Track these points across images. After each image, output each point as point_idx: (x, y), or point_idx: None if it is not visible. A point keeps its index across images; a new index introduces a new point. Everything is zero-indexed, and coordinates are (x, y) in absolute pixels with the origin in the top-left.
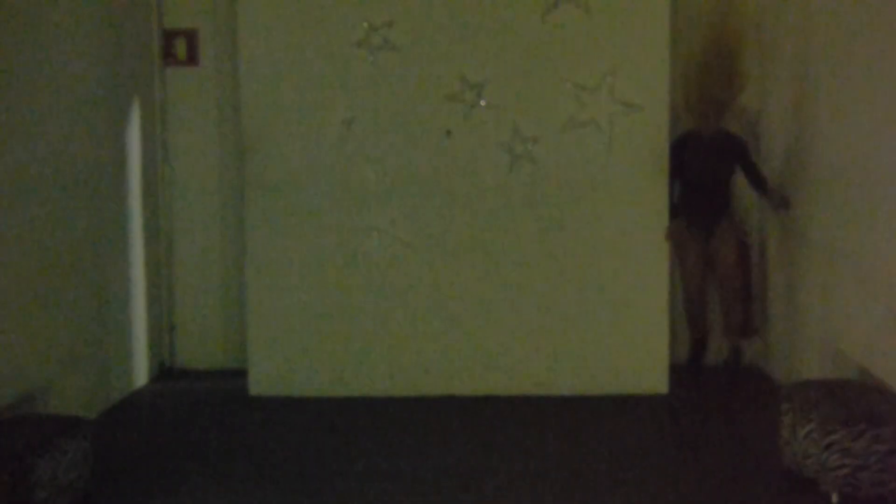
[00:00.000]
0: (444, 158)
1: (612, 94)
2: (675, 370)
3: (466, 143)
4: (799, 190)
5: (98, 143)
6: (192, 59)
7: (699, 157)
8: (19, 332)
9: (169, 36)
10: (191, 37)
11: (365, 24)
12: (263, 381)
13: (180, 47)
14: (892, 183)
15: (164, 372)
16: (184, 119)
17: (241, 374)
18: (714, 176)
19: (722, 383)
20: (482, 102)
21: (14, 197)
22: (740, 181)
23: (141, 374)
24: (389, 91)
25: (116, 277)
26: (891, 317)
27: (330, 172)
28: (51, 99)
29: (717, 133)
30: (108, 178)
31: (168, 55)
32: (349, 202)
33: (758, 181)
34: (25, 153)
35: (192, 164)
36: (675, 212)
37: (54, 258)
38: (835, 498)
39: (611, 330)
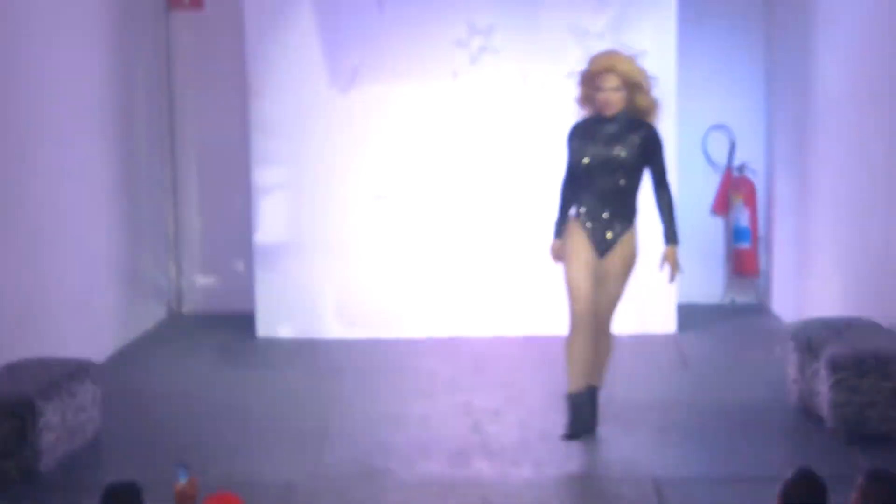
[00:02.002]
0: (450, 105)
1: (618, 39)
2: (682, 309)
3: (473, 88)
4: (809, 133)
5: (105, 87)
6: (196, 2)
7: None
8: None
9: None
10: None
11: None
12: (270, 323)
13: None
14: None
15: (172, 315)
16: (189, 62)
17: (248, 317)
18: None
19: (730, 322)
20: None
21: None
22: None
23: (149, 318)
24: (397, 37)
25: (121, 224)
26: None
27: (335, 117)
28: (55, 41)
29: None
30: (117, 123)
31: None
32: (354, 146)
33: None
34: (35, 97)
35: (198, 107)
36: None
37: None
38: (842, 434)
39: None
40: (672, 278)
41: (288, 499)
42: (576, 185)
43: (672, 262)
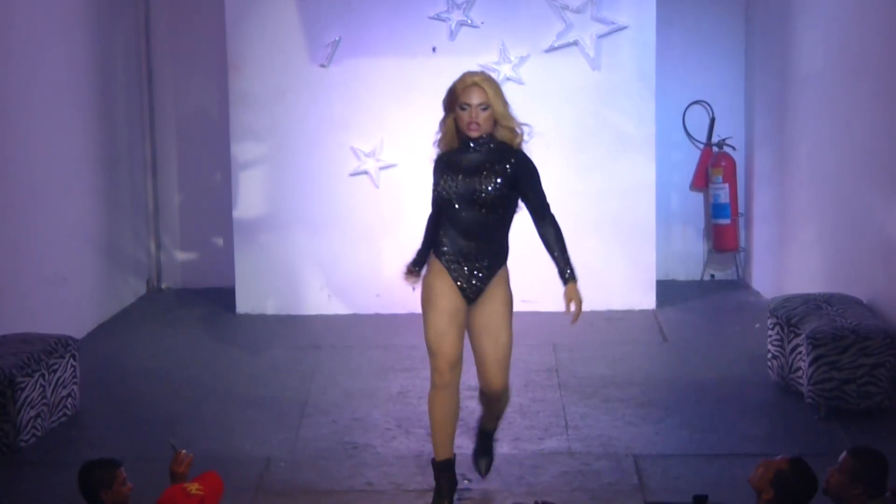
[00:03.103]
0: (430, 76)
1: (597, 14)
2: (661, 285)
3: (452, 62)
4: (789, 109)
5: (84, 61)
6: None
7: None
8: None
9: None
10: None
11: None
12: (250, 298)
13: None
14: None
15: (152, 291)
16: (168, 36)
17: (228, 292)
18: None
19: (709, 298)
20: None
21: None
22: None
23: (129, 293)
24: (376, 12)
25: (100, 199)
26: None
27: (315, 92)
28: (33, 15)
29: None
30: (96, 98)
31: None
32: (333, 121)
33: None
34: (12, 72)
35: (177, 82)
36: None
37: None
38: (822, 410)
39: (601, 248)
40: (576, 319)
41: (267, 473)
42: (440, 221)
43: (576, 301)
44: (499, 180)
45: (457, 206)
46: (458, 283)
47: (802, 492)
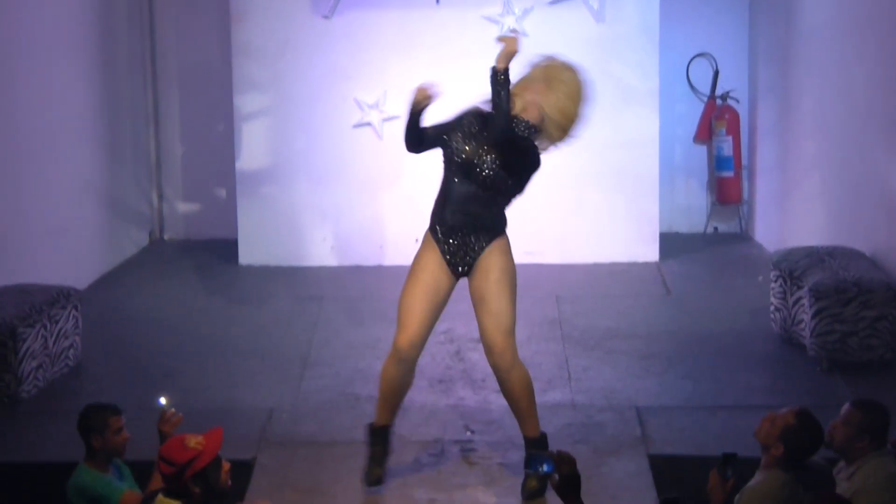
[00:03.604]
0: (434, 28)
1: None
2: (665, 237)
3: (455, 15)
4: (793, 62)
5: (86, 12)
6: None
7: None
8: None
9: None
10: None
11: None
12: (252, 250)
13: None
14: None
15: (154, 242)
16: None
17: (230, 243)
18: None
19: (712, 250)
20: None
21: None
22: None
23: (131, 245)
24: None
25: (103, 150)
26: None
27: (318, 43)
28: None
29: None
30: (98, 49)
31: None
32: (337, 73)
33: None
34: (14, 24)
35: (180, 33)
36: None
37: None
38: (824, 363)
39: (605, 201)
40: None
41: (270, 424)
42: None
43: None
44: (500, 161)
45: (455, 179)
46: (447, 258)
47: (811, 443)
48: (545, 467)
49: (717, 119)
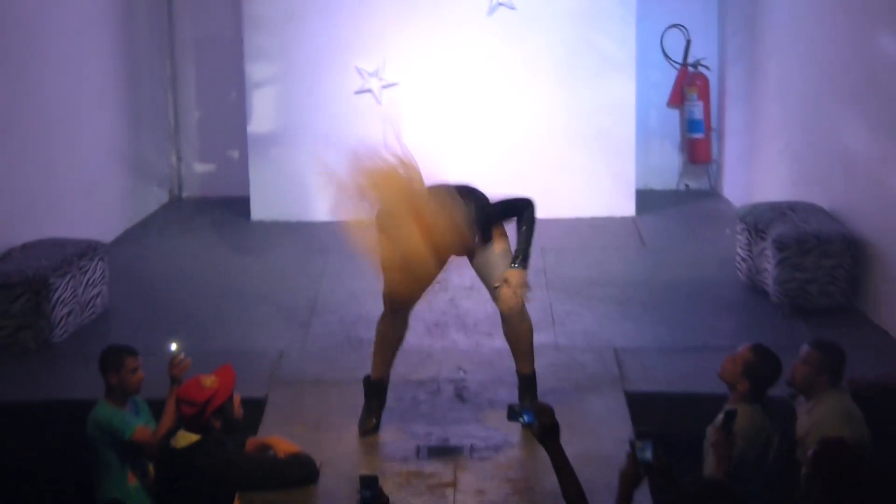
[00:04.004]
0: (428, 1)
1: None
2: (640, 194)
3: None
4: (759, 31)
5: None
6: None
7: None
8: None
9: None
10: None
11: None
12: (263, 207)
13: None
14: None
15: (173, 200)
16: None
17: (243, 201)
18: None
19: (684, 206)
20: None
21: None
22: None
23: (152, 202)
24: None
25: (125, 115)
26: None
27: (321, 14)
28: None
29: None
30: (120, 20)
31: None
32: (339, 42)
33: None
34: None
35: (195, 5)
36: None
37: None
38: (786, 308)
39: (586, 160)
40: (506, 302)
41: (279, 366)
42: None
43: (511, 282)
44: (476, 238)
45: None
46: None
47: (771, 372)
48: (526, 418)
49: (688, 85)
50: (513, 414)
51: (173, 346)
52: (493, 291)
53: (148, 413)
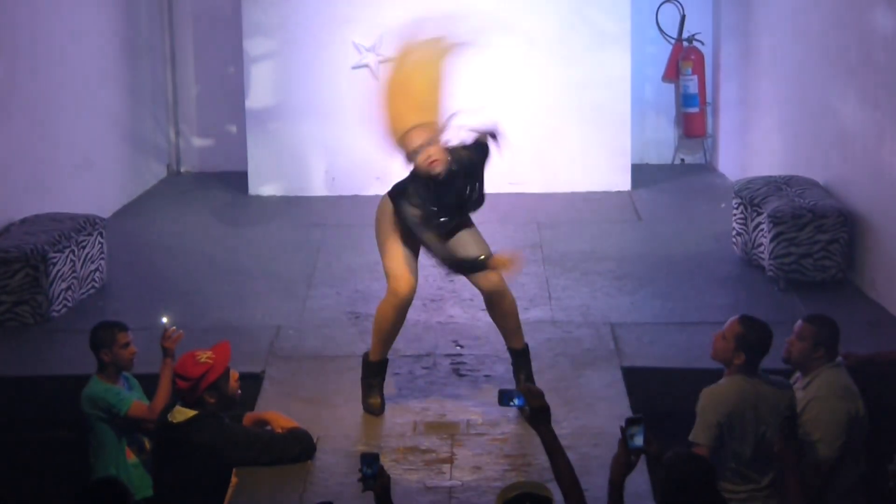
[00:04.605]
0: None
1: None
2: (636, 168)
3: None
4: (753, 5)
5: None
6: None
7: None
8: None
9: None
10: None
11: None
12: (261, 181)
13: None
14: None
15: (171, 174)
16: None
17: (241, 175)
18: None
19: (680, 180)
20: None
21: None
22: None
23: (151, 177)
24: None
25: (124, 89)
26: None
27: None
28: None
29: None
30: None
31: None
32: (336, 18)
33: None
34: None
35: None
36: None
37: None
38: (781, 282)
39: (582, 135)
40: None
41: (277, 340)
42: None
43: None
44: (477, 184)
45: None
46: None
47: (763, 340)
48: (516, 401)
49: (683, 60)
50: (503, 398)
51: (165, 319)
52: (472, 274)
53: (139, 388)
